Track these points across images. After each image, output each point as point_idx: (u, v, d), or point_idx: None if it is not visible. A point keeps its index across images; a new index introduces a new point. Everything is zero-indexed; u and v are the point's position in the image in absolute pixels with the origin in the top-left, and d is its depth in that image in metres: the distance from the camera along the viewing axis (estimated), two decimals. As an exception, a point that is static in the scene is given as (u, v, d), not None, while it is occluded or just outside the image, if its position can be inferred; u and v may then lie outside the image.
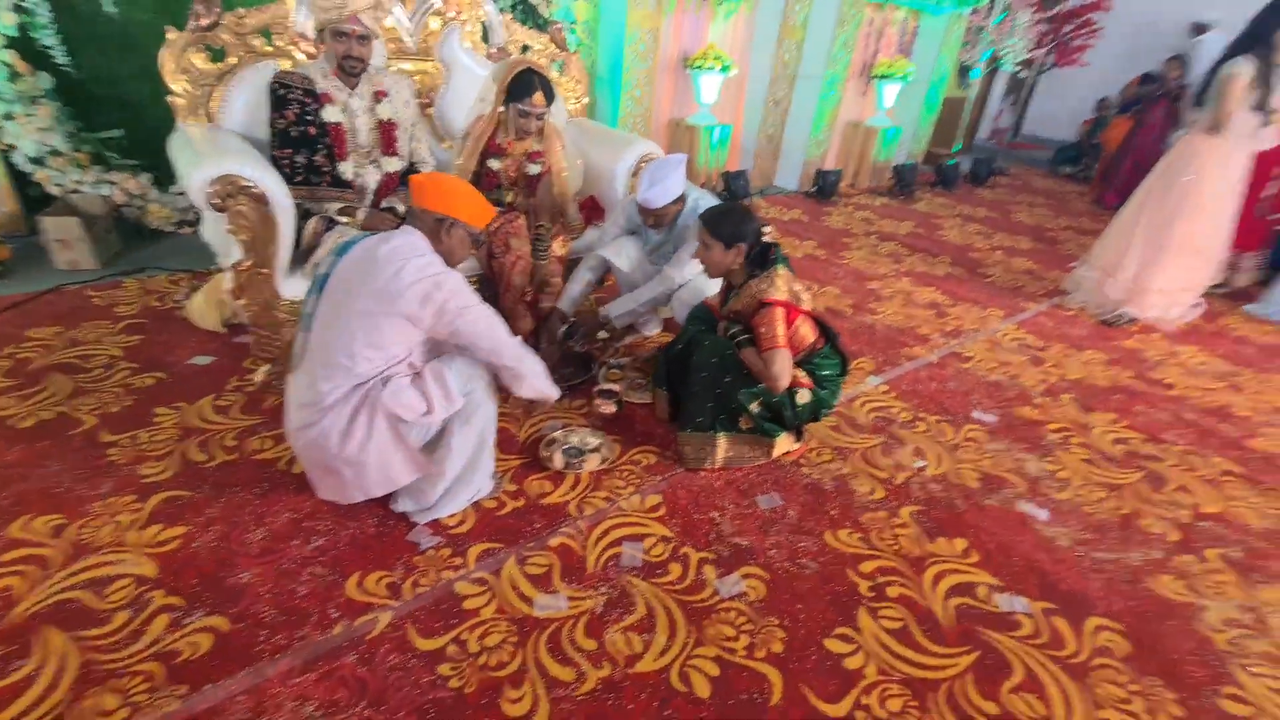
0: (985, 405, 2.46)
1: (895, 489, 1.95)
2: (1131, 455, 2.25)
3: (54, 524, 1.54)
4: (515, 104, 2.16)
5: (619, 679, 1.31)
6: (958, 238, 4.71)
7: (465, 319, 1.47)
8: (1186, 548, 1.84)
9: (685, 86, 4.72)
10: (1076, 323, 3.36)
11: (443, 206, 1.50)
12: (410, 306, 1.42)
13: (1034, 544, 1.79)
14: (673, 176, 2.12)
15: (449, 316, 1.45)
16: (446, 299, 1.44)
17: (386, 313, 1.42)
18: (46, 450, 1.76)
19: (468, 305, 1.48)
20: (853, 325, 3.04)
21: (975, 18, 6.42)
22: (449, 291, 1.44)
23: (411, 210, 1.55)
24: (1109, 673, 1.44)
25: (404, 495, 1.63)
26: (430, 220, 1.51)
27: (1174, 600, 1.66)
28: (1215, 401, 2.67)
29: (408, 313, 1.42)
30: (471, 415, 1.59)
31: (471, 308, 1.49)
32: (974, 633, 1.50)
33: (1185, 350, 3.14)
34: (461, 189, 1.55)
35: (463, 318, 1.47)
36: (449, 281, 1.46)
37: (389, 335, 1.44)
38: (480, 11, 2.58)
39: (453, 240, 1.53)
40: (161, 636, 1.30)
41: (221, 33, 2.07)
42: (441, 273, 1.46)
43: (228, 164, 1.74)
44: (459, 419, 1.57)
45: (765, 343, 1.80)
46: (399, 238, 1.48)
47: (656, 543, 1.66)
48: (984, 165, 6.55)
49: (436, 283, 1.43)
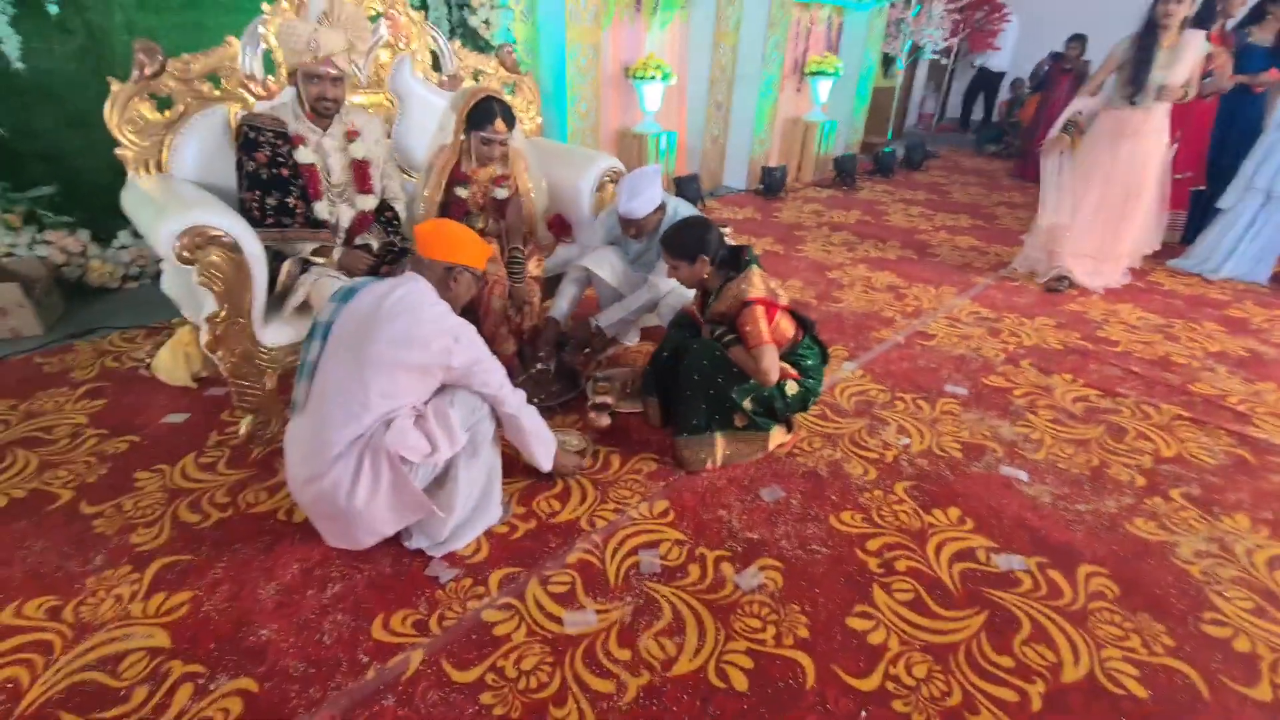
0: (955, 379, 2.59)
1: (886, 467, 2.04)
2: (1092, 411, 2.41)
3: (48, 605, 1.47)
4: (477, 132, 2.17)
5: (659, 684, 1.34)
6: (903, 221, 4.92)
7: (479, 368, 1.52)
8: (1153, 491, 1.99)
9: (629, 96, 4.80)
10: (1022, 291, 3.56)
11: (449, 255, 1.55)
12: (431, 358, 1.44)
13: (1020, 504, 1.90)
14: (652, 187, 2.19)
15: (465, 368, 1.49)
16: (464, 352, 1.48)
17: (404, 363, 1.43)
18: (25, 530, 1.68)
19: (481, 358, 1.52)
20: (820, 315, 3.15)
21: (894, 11, 6.73)
22: (466, 343, 1.48)
23: (419, 260, 1.57)
24: (1105, 614, 1.55)
25: (417, 533, 1.62)
26: (439, 270, 1.56)
27: (1149, 540, 1.79)
28: (1156, 353, 2.88)
29: (426, 363, 1.44)
30: (478, 449, 1.60)
31: (484, 360, 1.54)
32: (980, 594, 1.59)
33: (1123, 308, 3.37)
34: (464, 236, 1.59)
35: (478, 368, 1.52)
36: (465, 334, 1.49)
37: (403, 384, 1.45)
38: (429, 40, 2.58)
39: (460, 286, 1.59)
40: (188, 707, 1.26)
41: (167, 80, 2.01)
42: (458, 325, 1.49)
43: (195, 215, 1.70)
44: (465, 454, 1.58)
45: (751, 340, 1.86)
46: (407, 284, 1.50)
47: (671, 547, 1.70)
48: (916, 151, 6.85)
49: (455, 336, 1.46)
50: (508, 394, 1.60)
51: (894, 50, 7.12)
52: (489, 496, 1.66)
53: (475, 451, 1.59)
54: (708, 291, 2.02)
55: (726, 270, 1.95)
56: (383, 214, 2.19)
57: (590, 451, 2.03)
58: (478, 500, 1.64)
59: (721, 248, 1.94)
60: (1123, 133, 3.28)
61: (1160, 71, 3.10)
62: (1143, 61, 3.12)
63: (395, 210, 2.23)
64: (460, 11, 3.69)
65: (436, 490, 1.58)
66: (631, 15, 4.58)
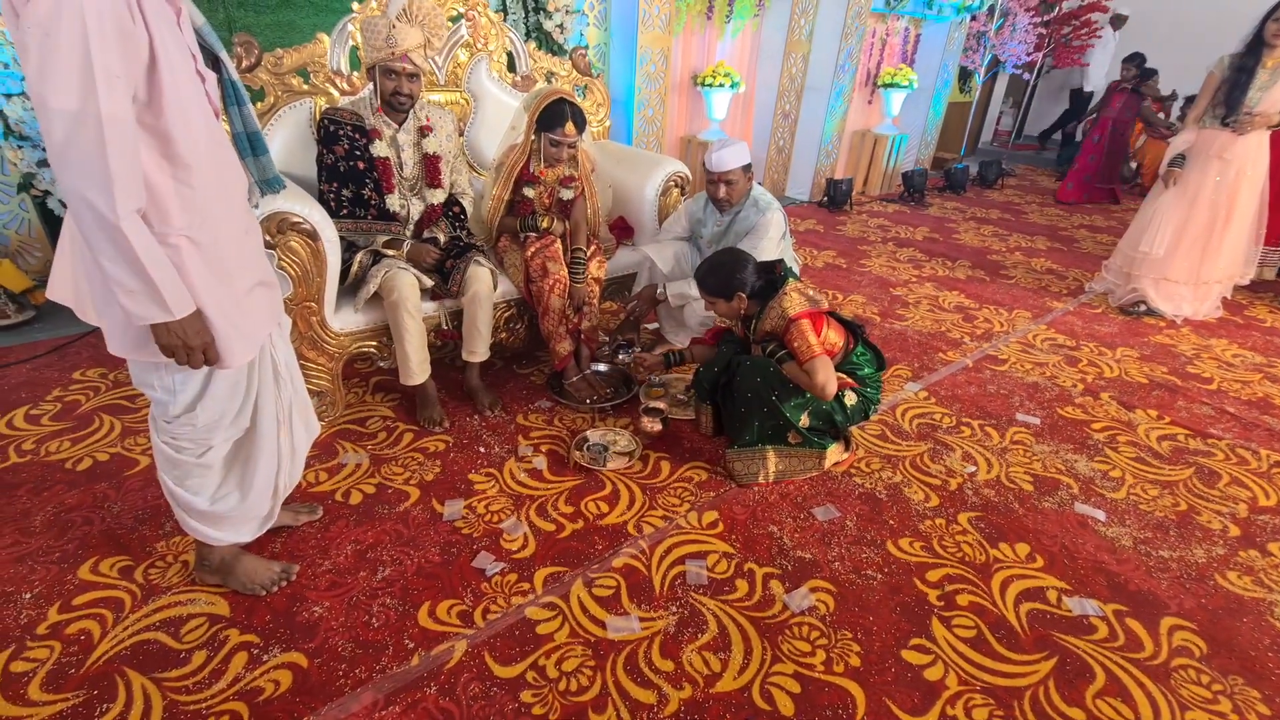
0: (1027, 407, 2.45)
1: (949, 495, 1.94)
2: (1179, 451, 2.24)
3: (121, 565, 1.55)
4: (547, 134, 2.19)
5: (701, 699, 1.30)
6: (974, 240, 4.72)
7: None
8: (1248, 543, 1.82)
9: (696, 103, 4.79)
10: (1104, 320, 3.36)
11: None
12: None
13: (1096, 545, 1.77)
14: (741, 145, 2.21)
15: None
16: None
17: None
18: (105, 491, 1.78)
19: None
20: (884, 332, 3.04)
21: (975, 24, 6.50)
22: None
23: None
24: (1190, 673, 1.42)
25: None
26: None
27: (1244, 596, 1.64)
28: (1255, 394, 2.66)
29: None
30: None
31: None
32: (1049, 638, 1.48)
33: (1217, 344, 3.13)
34: None
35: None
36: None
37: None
38: (506, 41, 2.63)
39: None
40: (242, 675, 1.30)
41: (260, 73, 2.11)
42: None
43: (278, 202, 1.77)
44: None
45: (803, 355, 1.81)
46: None
47: (719, 559, 1.66)
48: (992, 168, 6.59)
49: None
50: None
51: (973, 64, 6.87)
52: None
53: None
54: (750, 316, 1.99)
55: (766, 293, 1.91)
56: (450, 208, 2.23)
57: (639, 455, 2.01)
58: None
59: (756, 278, 1.91)
60: (1212, 154, 3.10)
61: (1258, 93, 2.92)
62: (1240, 82, 2.95)
63: (463, 205, 2.27)
64: (536, 15, 3.76)
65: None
66: (703, 22, 4.58)
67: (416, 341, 2.01)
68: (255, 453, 1.39)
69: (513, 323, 2.38)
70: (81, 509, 1.71)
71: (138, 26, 0.94)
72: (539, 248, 2.23)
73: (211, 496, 1.37)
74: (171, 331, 1.07)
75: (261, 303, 1.26)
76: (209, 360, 1.14)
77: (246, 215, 1.24)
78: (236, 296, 1.18)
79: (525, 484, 1.90)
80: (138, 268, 0.98)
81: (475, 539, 1.67)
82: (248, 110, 1.23)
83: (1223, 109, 3.03)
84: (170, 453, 1.30)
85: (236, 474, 1.41)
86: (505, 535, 1.69)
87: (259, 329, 1.25)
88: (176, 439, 1.28)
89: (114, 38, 0.90)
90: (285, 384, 1.42)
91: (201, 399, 1.24)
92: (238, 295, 1.18)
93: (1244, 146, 3.06)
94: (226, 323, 1.14)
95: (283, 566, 1.52)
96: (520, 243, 2.31)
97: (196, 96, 1.07)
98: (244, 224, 1.22)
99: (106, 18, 0.89)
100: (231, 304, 1.16)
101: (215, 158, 1.12)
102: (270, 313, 1.30)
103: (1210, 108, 3.08)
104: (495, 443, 2.08)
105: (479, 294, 2.07)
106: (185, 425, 1.26)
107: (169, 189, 1.04)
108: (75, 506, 1.72)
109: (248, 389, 1.31)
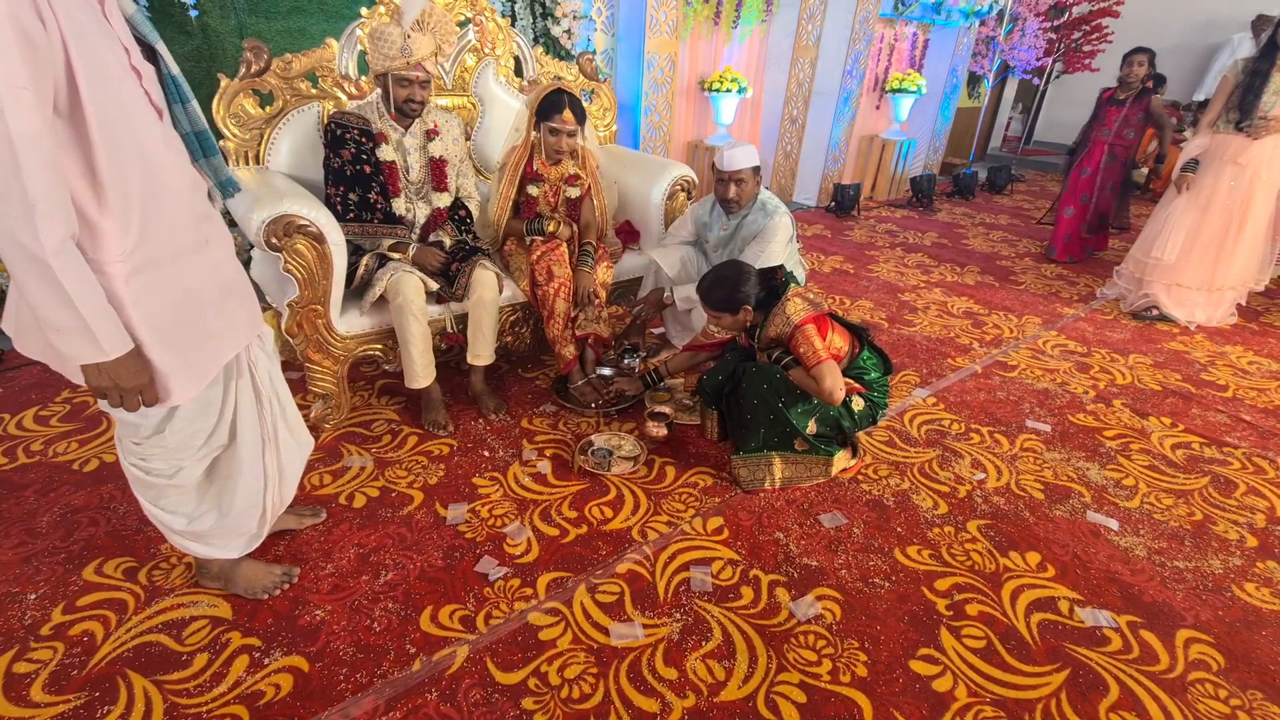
0: (1038, 414, 2.42)
1: (958, 503, 1.91)
2: (1194, 460, 2.20)
3: (126, 566, 1.54)
4: (545, 123, 2.20)
5: (705, 708, 1.28)
6: (983, 246, 4.69)
7: None
8: (1267, 553, 1.78)
9: (703, 108, 4.78)
10: (1116, 326, 3.31)
11: None
12: None
13: (1109, 555, 1.74)
14: (750, 148, 2.20)
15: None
16: None
17: None
18: (111, 493, 1.78)
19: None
20: (892, 338, 3.02)
21: (985, 28, 6.47)
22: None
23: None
24: (1208, 687, 1.39)
25: None
26: None
27: (1263, 609, 1.60)
28: (1272, 402, 2.61)
29: None
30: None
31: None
32: (1061, 649, 1.45)
33: (1232, 350, 3.08)
34: None
35: None
36: None
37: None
38: (513, 46, 2.63)
39: None
40: (243, 678, 1.29)
41: (270, 77, 2.13)
42: None
43: (285, 205, 1.78)
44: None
45: (809, 360, 1.80)
46: None
47: (724, 566, 1.64)
48: (1001, 173, 6.54)
49: None
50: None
51: (982, 69, 6.84)
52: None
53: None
54: (754, 325, 1.97)
55: (769, 302, 1.90)
56: (456, 212, 2.23)
57: (644, 460, 2.00)
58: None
59: (759, 289, 1.90)
60: (1226, 159, 3.09)
61: (1272, 97, 2.91)
62: (1254, 86, 2.94)
63: (469, 209, 2.27)
64: (544, 21, 3.77)
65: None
66: (710, 28, 4.58)
67: (421, 345, 2.01)
68: (234, 472, 1.31)
69: (518, 326, 2.37)
70: (87, 510, 1.71)
71: (48, 26, 0.82)
72: (544, 251, 2.23)
73: (189, 515, 1.31)
74: (103, 372, 0.98)
75: (235, 316, 1.19)
76: (145, 402, 1.05)
77: (208, 223, 1.12)
78: (194, 320, 1.08)
79: (529, 488, 1.89)
80: (67, 305, 0.88)
81: (479, 543, 1.66)
82: (193, 107, 1.10)
83: (1237, 113, 3.02)
84: (139, 474, 1.23)
85: (214, 493, 1.33)
86: (509, 540, 1.68)
87: (222, 351, 1.17)
88: (146, 460, 1.21)
89: (14, 43, 0.78)
90: (268, 403, 1.34)
91: (170, 420, 1.17)
92: (198, 318, 1.09)
93: (1258, 151, 3.03)
94: (171, 355, 1.05)
95: (284, 570, 1.52)
96: (526, 246, 2.31)
97: (136, 96, 0.96)
98: (204, 233, 1.10)
99: (2, 20, 0.77)
100: (183, 331, 1.07)
101: (163, 163, 1.01)
102: (246, 324, 1.23)
103: (1224, 112, 3.07)
104: (500, 446, 2.07)
105: (484, 298, 2.07)
106: (156, 446, 1.19)
107: (102, 209, 0.92)
108: (81, 507, 1.72)
109: (222, 407, 1.24)
